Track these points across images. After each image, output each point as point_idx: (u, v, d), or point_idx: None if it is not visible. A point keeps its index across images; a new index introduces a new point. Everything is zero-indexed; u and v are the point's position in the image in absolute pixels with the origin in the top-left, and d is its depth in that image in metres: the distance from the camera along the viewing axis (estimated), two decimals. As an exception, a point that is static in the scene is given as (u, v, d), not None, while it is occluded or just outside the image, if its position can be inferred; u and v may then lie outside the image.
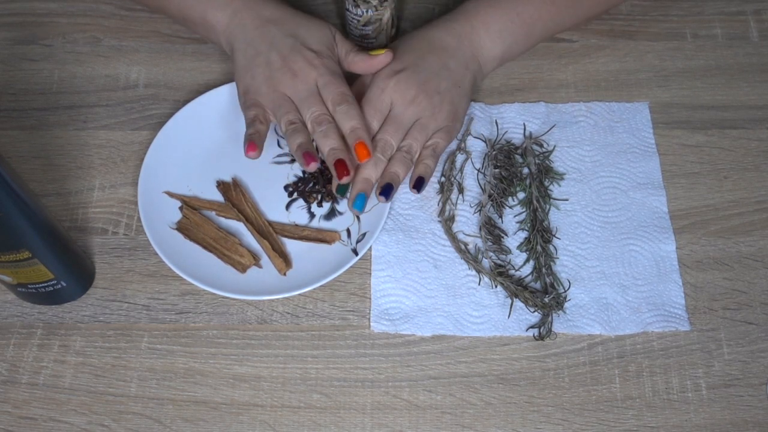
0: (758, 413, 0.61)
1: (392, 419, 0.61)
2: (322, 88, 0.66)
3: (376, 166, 0.65)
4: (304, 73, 0.66)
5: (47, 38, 0.80)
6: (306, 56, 0.66)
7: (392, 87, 0.66)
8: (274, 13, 0.69)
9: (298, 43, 0.67)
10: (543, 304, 0.64)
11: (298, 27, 0.69)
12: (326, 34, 0.69)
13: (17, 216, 0.55)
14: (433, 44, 0.69)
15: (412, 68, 0.67)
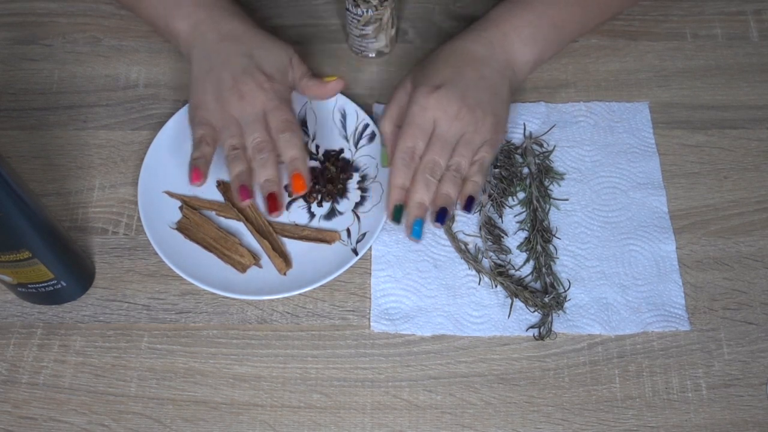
0: (758, 413, 0.61)
1: (392, 419, 0.61)
2: (268, 114, 0.65)
3: (428, 189, 0.63)
4: (252, 96, 0.65)
5: (47, 38, 0.80)
6: (257, 79, 0.66)
7: (434, 104, 0.64)
8: (235, 29, 0.69)
9: (252, 65, 0.66)
10: (543, 304, 0.64)
11: (255, 47, 0.68)
12: (282, 57, 0.68)
13: (17, 216, 0.55)
14: (466, 56, 0.67)
15: (451, 83, 0.65)
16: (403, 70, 0.78)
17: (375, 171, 0.71)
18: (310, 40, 0.80)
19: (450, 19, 0.82)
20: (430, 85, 0.65)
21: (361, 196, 0.71)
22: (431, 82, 0.65)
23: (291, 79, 0.69)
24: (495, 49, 0.67)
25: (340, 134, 0.74)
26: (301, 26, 0.81)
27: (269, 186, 0.64)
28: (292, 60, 0.69)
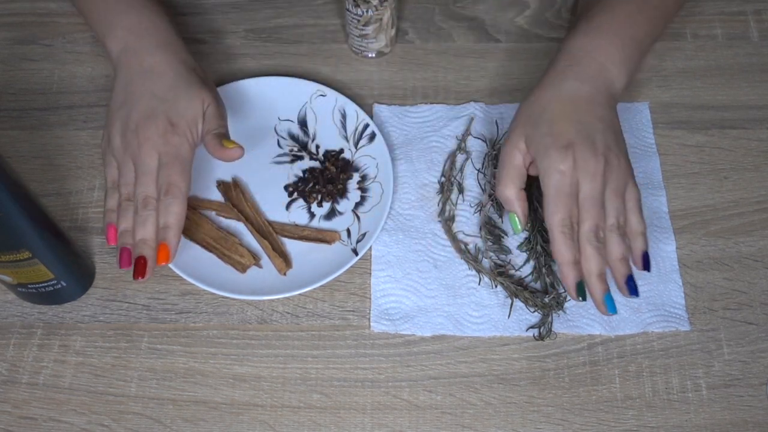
0: (758, 413, 0.61)
1: (392, 419, 0.61)
2: (160, 168, 0.62)
3: (600, 256, 0.59)
4: (149, 145, 0.62)
5: (47, 38, 0.80)
6: (159, 127, 0.62)
7: (572, 166, 0.59)
8: (158, 64, 0.65)
9: (160, 109, 0.63)
10: (543, 304, 0.64)
11: (170, 89, 0.64)
12: (195, 106, 0.64)
13: (17, 216, 0.55)
14: (575, 100, 0.62)
15: (578, 137, 0.60)
16: (404, 70, 0.78)
17: (375, 171, 0.71)
18: (309, 40, 0.80)
19: (450, 19, 0.82)
20: (560, 146, 0.60)
21: (361, 197, 0.71)
22: (558, 143, 0.60)
23: (200, 131, 0.65)
24: (598, 85, 0.63)
25: (340, 134, 0.74)
26: (300, 26, 0.81)
27: (141, 248, 0.61)
28: (206, 111, 0.65)
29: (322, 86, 0.75)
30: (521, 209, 0.62)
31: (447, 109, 0.75)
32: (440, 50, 0.79)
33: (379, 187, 0.70)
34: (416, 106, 0.76)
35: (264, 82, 0.75)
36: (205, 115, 0.65)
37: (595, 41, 0.64)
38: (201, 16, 0.82)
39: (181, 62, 0.66)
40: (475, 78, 0.77)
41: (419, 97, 0.76)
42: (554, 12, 0.82)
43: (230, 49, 0.79)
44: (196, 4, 0.83)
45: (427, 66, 0.78)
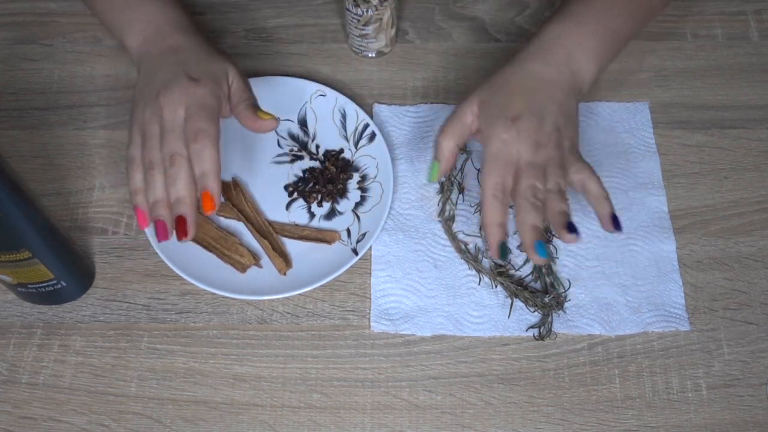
0: (758, 413, 0.61)
1: (392, 419, 0.61)
2: (185, 121, 0.59)
3: (536, 211, 0.58)
4: (173, 103, 0.60)
5: (47, 38, 0.80)
6: (182, 84, 0.60)
7: (515, 137, 0.60)
8: (178, 42, 0.65)
9: (181, 72, 0.61)
10: (543, 304, 0.64)
11: (190, 56, 0.63)
12: (218, 67, 0.63)
13: (17, 216, 0.55)
14: (537, 80, 0.63)
15: (528, 112, 0.61)
16: (404, 70, 0.78)
17: (375, 171, 0.71)
18: (309, 39, 0.80)
19: (450, 19, 0.82)
20: (507, 117, 0.61)
21: (361, 196, 0.71)
22: (507, 113, 0.61)
23: (226, 91, 0.63)
24: (562, 70, 0.64)
25: (340, 134, 0.74)
26: (300, 26, 0.81)
27: (178, 207, 0.58)
28: (229, 74, 0.64)
29: (322, 86, 0.75)
30: (447, 163, 0.64)
31: (447, 108, 0.75)
32: (440, 50, 0.79)
33: (379, 187, 0.70)
34: (416, 105, 0.76)
35: (264, 82, 0.75)
36: (231, 85, 0.64)
37: (568, 29, 0.65)
38: (201, 16, 0.82)
39: (200, 39, 0.66)
40: (475, 78, 0.77)
41: (419, 97, 0.76)
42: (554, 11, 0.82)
43: (230, 49, 0.79)
44: (196, 3, 0.83)
45: (427, 66, 0.78)
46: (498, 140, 0.60)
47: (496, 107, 0.62)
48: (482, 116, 0.62)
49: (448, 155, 0.64)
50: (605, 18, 0.66)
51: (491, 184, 0.59)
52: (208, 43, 0.66)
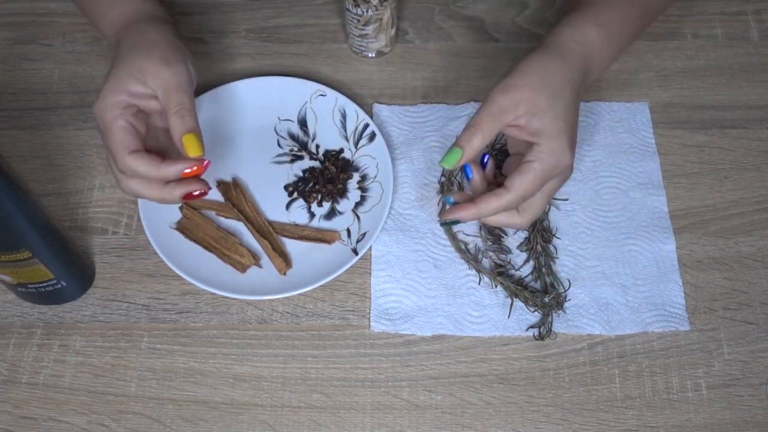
0: (758, 413, 0.61)
1: (392, 419, 0.61)
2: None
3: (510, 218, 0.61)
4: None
5: (47, 38, 0.80)
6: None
7: (568, 168, 0.59)
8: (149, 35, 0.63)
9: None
10: (543, 303, 0.64)
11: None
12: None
13: (17, 216, 0.55)
14: (573, 88, 0.59)
15: (574, 135, 0.59)
16: (404, 70, 0.78)
17: (375, 171, 0.71)
18: (309, 39, 0.80)
19: (450, 19, 0.82)
20: (570, 139, 0.58)
21: (361, 196, 0.71)
22: (570, 135, 0.58)
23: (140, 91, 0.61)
24: (584, 76, 0.61)
25: (340, 134, 0.74)
26: (300, 26, 0.81)
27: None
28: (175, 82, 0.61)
29: (322, 86, 0.75)
30: (468, 159, 0.59)
31: (447, 108, 0.75)
32: (440, 50, 0.79)
33: (379, 187, 0.70)
34: (416, 105, 0.76)
35: (264, 82, 0.75)
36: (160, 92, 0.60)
37: (590, 34, 0.62)
38: (201, 15, 0.82)
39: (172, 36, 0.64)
40: (475, 78, 0.77)
41: (419, 97, 0.76)
42: (554, 11, 0.82)
43: (230, 49, 0.79)
44: (196, 3, 0.83)
45: (427, 66, 0.78)
46: (557, 160, 0.58)
47: (558, 121, 0.58)
48: (537, 122, 0.58)
49: (474, 153, 0.59)
50: (621, 24, 0.64)
51: (518, 198, 0.58)
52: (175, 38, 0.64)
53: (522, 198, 0.58)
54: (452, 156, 0.58)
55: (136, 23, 0.64)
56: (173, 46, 0.62)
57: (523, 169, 0.57)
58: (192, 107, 0.61)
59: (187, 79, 0.61)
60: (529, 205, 0.60)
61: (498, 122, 0.58)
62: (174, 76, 0.60)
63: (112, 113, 0.59)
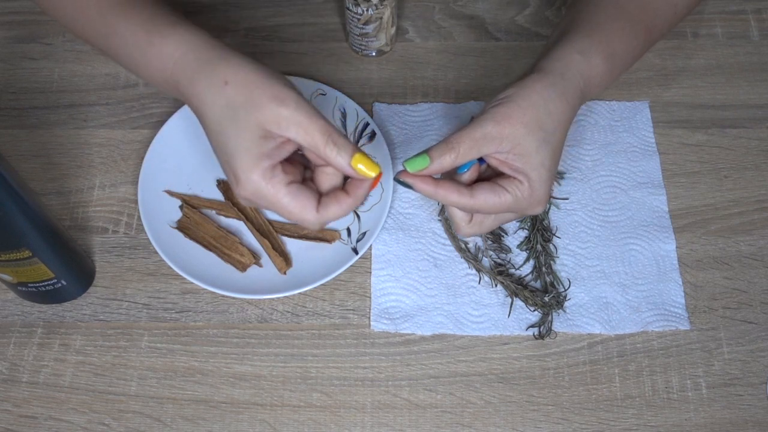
0: (758, 412, 0.61)
1: (392, 418, 0.61)
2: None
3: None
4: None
5: (47, 37, 0.80)
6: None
7: (542, 202, 0.57)
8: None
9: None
10: (543, 303, 0.64)
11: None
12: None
13: (17, 215, 0.55)
14: (565, 129, 0.56)
15: (552, 174, 0.57)
16: (404, 69, 0.78)
17: (375, 170, 0.71)
18: (310, 38, 0.80)
19: (450, 18, 0.82)
20: (550, 178, 0.56)
21: (362, 195, 0.71)
22: (551, 175, 0.56)
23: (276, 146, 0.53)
24: (576, 106, 0.58)
25: (340, 133, 0.74)
26: (301, 25, 0.81)
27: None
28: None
29: (322, 85, 0.75)
30: (435, 171, 0.55)
31: (447, 107, 0.75)
32: (440, 49, 0.79)
33: (379, 186, 0.70)
34: (416, 104, 0.76)
35: (264, 81, 0.75)
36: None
37: (589, 59, 0.58)
38: (201, 14, 0.82)
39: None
40: (476, 77, 0.77)
41: (419, 96, 0.76)
42: (554, 11, 0.82)
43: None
44: (196, 2, 0.82)
45: (427, 65, 0.78)
46: (527, 205, 0.56)
47: (541, 168, 0.55)
48: (521, 163, 0.54)
49: (440, 170, 0.55)
50: (616, 42, 0.60)
51: (479, 208, 0.56)
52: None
53: (479, 211, 0.56)
54: (418, 162, 0.54)
55: (205, 69, 0.53)
56: (269, 77, 0.53)
57: (497, 191, 0.55)
58: (332, 126, 0.52)
59: (307, 103, 0.52)
60: (480, 219, 0.58)
61: (477, 149, 0.54)
62: (298, 110, 0.51)
63: (269, 189, 0.52)
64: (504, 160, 0.55)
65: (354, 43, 0.78)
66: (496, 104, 0.55)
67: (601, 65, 0.58)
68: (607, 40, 0.59)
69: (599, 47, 0.58)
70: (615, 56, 0.59)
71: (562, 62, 0.57)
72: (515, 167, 0.55)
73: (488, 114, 0.54)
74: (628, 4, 0.61)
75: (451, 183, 0.55)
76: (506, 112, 0.54)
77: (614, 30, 0.59)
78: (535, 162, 0.54)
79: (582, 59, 0.57)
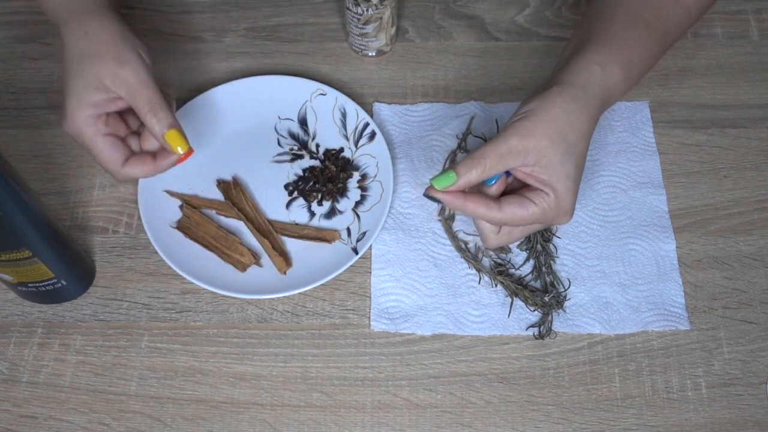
0: (758, 412, 0.61)
1: (392, 418, 0.61)
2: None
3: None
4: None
5: (47, 37, 0.80)
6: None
7: (569, 214, 0.58)
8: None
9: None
10: (543, 303, 0.64)
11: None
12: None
13: (17, 215, 0.55)
14: (587, 139, 0.58)
15: (578, 184, 0.58)
16: (404, 69, 0.78)
17: (375, 170, 0.71)
18: (310, 38, 0.80)
19: (450, 18, 0.82)
20: (575, 193, 0.57)
21: (361, 195, 0.71)
22: (575, 190, 0.57)
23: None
24: (595, 120, 0.59)
25: (340, 133, 0.74)
26: (301, 25, 0.81)
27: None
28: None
29: (323, 85, 0.75)
30: (462, 186, 0.56)
31: (447, 107, 0.75)
32: (440, 49, 0.79)
33: (379, 186, 0.70)
34: (416, 104, 0.76)
35: (264, 81, 0.75)
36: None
37: (610, 75, 0.59)
38: (201, 14, 0.82)
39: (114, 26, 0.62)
40: (476, 77, 0.77)
41: (419, 96, 0.76)
42: (554, 10, 0.82)
43: (230, 48, 0.79)
44: (196, 2, 0.82)
45: (427, 65, 0.78)
46: (554, 217, 0.57)
47: (570, 176, 0.56)
48: (547, 175, 0.56)
49: (467, 185, 0.56)
50: (632, 50, 0.61)
51: (507, 221, 0.57)
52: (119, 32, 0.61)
53: (507, 223, 0.58)
54: (446, 179, 0.56)
55: (78, 17, 0.61)
56: (122, 40, 0.61)
57: (524, 203, 0.57)
58: (161, 101, 0.60)
59: (146, 72, 0.60)
60: (508, 230, 0.60)
61: (503, 163, 0.56)
62: (132, 74, 0.59)
63: (86, 132, 0.60)
64: (530, 173, 0.56)
65: (354, 43, 0.78)
66: (520, 118, 0.56)
67: (619, 74, 0.59)
68: (625, 48, 0.60)
69: (617, 56, 0.59)
70: (632, 64, 0.60)
71: (582, 75, 0.58)
72: (541, 179, 0.56)
73: (512, 128, 0.56)
74: (642, 10, 0.61)
75: (479, 197, 0.57)
76: (530, 126, 0.55)
77: (630, 38, 0.60)
78: (560, 174, 0.56)
79: (601, 71, 0.58)
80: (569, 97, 0.56)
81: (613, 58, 0.59)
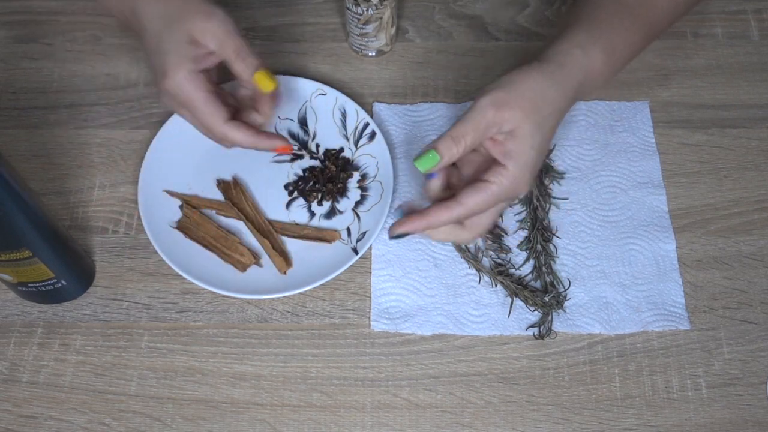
0: (758, 412, 0.61)
1: (392, 418, 0.61)
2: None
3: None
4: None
5: (47, 37, 0.80)
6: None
7: (527, 184, 0.57)
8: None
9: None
10: (543, 303, 0.64)
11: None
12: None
13: (17, 215, 0.55)
14: (558, 118, 0.58)
15: (540, 159, 0.58)
16: (404, 69, 0.78)
17: (375, 170, 0.71)
18: (310, 38, 0.80)
19: (450, 18, 0.82)
20: (535, 167, 0.57)
21: (361, 195, 0.71)
22: (537, 166, 0.57)
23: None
24: (572, 102, 0.59)
25: (340, 133, 0.74)
26: (301, 25, 0.81)
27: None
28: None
29: (322, 85, 0.75)
30: (446, 164, 0.56)
31: (447, 107, 0.75)
32: (440, 49, 0.79)
33: (379, 186, 0.70)
34: (416, 104, 0.76)
35: (264, 81, 0.75)
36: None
37: (591, 56, 0.59)
38: (201, 14, 0.82)
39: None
40: (476, 77, 0.77)
41: (419, 96, 0.76)
42: (554, 10, 0.82)
43: (230, 48, 0.79)
44: (196, 2, 0.82)
45: (427, 65, 0.78)
46: (513, 191, 0.57)
47: (532, 150, 0.56)
48: (513, 145, 0.56)
49: (450, 162, 0.57)
50: (618, 36, 0.61)
51: (470, 211, 0.57)
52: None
53: (471, 214, 0.57)
54: (429, 160, 0.56)
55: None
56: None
57: (480, 187, 0.56)
58: (248, 48, 0.62)
59: (231, 23, 0.62)
60: (477, 221, 0.59)
61: (481, 136, 0.56)
62: (219, 26, 0.61)
63: (189, 86, 0.61)
64: (501, 141, 0.56)
65: (354, 43, 0.78)
66: (495, 87, 0.56)
67: (600, 59, 0.59)
68: (608, 35, 0.60)
69: (599, 42, 0.59)
70: (615, 51, 0.60)
71: (561, 56, 0.58)
72: (507, 150, 0.56)
73: (488, 98, 0.56)
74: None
75: (435, 206, 0.57)
76: (504, 97, 0.56)
77: (615, 25, 0.61)
78: (525, 145, 0.56)
79: (582, 53, 0.59)
80: (547, 73, 0.57)
81: (595, 43, 0.59)
